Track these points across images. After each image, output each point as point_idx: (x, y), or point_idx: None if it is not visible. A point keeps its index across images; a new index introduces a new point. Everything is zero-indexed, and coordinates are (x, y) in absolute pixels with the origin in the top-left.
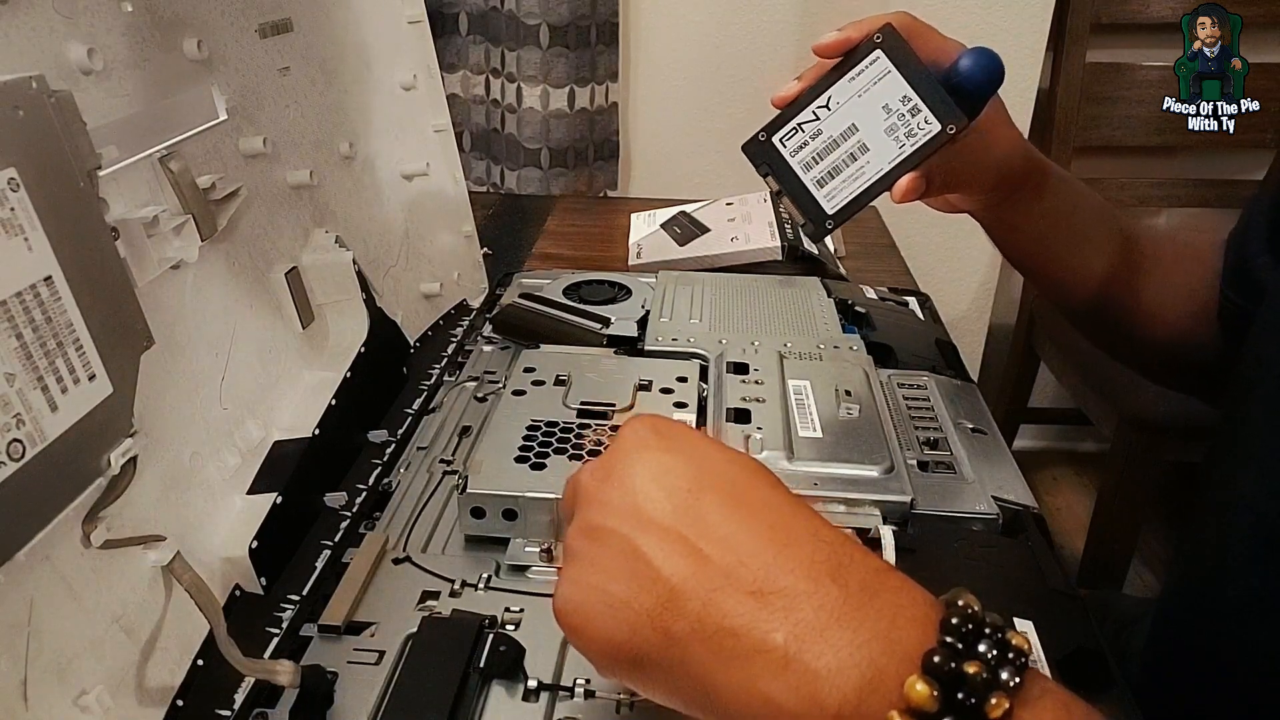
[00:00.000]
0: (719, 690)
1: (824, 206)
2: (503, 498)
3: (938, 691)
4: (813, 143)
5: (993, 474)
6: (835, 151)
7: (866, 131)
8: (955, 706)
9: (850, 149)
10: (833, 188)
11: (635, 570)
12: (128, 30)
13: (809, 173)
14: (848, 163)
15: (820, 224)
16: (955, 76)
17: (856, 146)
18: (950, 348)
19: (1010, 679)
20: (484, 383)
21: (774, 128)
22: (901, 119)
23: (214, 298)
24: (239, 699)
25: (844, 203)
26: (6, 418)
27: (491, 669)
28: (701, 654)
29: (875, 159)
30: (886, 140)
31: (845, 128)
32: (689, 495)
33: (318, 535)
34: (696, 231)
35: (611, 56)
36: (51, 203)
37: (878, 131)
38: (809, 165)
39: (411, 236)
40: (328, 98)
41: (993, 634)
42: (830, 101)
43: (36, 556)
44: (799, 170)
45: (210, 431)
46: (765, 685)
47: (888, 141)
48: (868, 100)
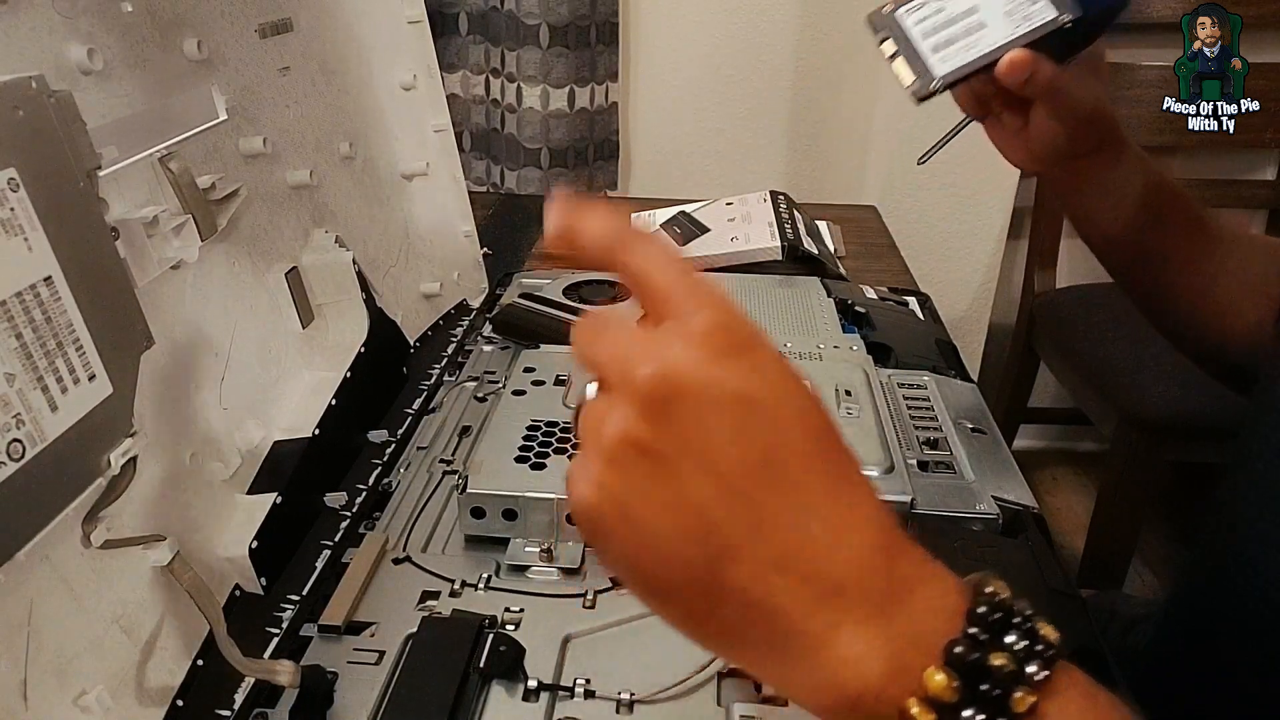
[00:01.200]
0: (738, 645)
1: (935, 70)
2: (503, 498)
3: (958, 682)
4: (934, 17)
5: (993, 474)
6: (954, 25)
7: (986, 11)
8: (979, 698)
9: (968, 24)
10: (946, 54)
11: (687, 516)
12: (128, 30)
13: (926, 40)
14: (964, 35)
15: (928, 82)
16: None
17: (975, 23)
18: (950, 348)
19: (1038, 673)
20: (484, 383)
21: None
22: (1020, 4)
23: (214, 298)
24: (239, 699)
25: (955, 66)
26: (6, 418)
27: (491, 669)
28: (734, 615)
29: (990, 34)
30: (1003, 20)
31: (969, 6)
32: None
33: (318, 535)
34: (696, 231)
35: (611, 56)
36: (51, 203)
37: (997, 12)
38: (927, 33)
39: (411, 236)
40: (328, 98)
41: (1022, 624)
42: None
43: (36, 556)
44: (917, 37)
45: (210, 431)
46: (791, 660)
47: (1005, 21)
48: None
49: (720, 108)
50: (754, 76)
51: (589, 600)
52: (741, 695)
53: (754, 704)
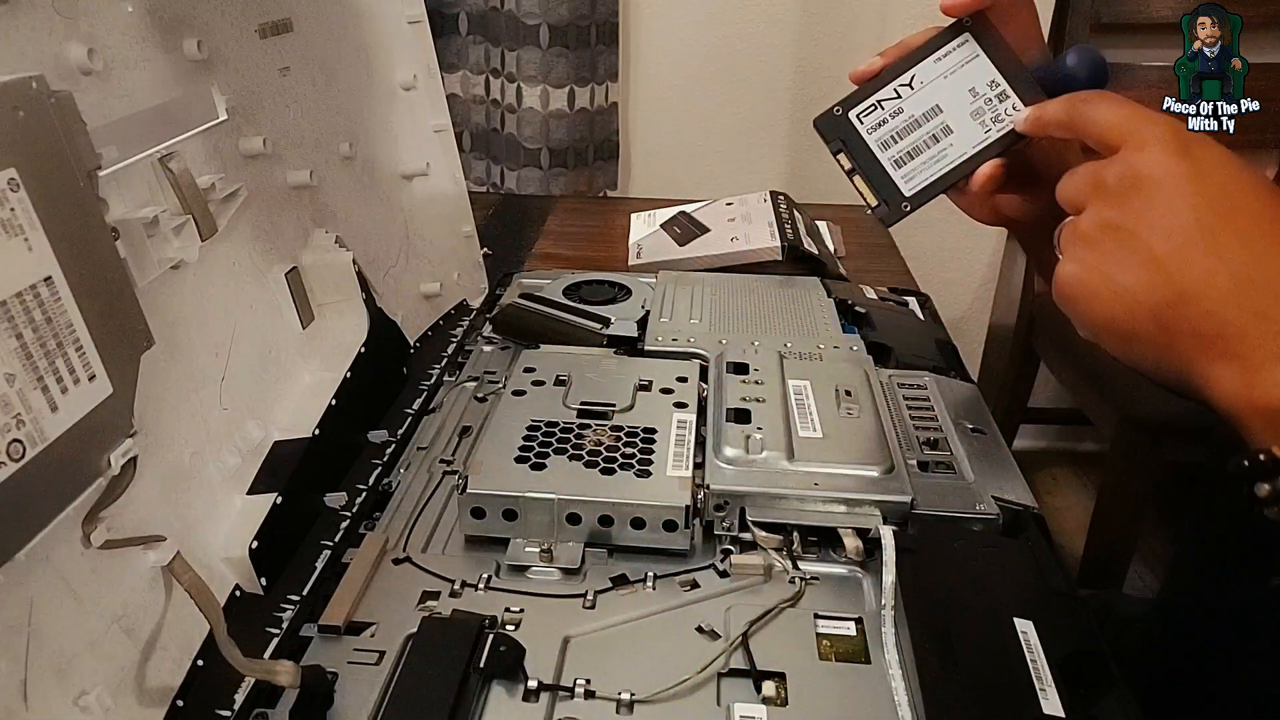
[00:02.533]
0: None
1: (901, 188)
2: (503, 498)
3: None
4: (892, 121)
5: (993, 474)
6: (916, 132)
7: (951, 114)
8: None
9: (932, 130)
10: (911, 169)
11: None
12: (128, 30)
13: (886, 152)
14: (929, 144)
15: (896, 205)
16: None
17: (939, 128)
18: (950, 348)
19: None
20: (484, 383)
21: (852, 102)
22: (989, 104)
23: (214, 298)
24: (239, 699)
25: (924, 184)
26: (7, 418)
27: (491, 669)
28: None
29: (959, 142)
30: (971, 124)
31: (929, 108)
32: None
33: (318, 535)
34: (696, 231)
35: (611, 56)
36: (51, 203)
37: (963, 115)
38: (887, 144)
39: (411, 236)
40: (328, 98)
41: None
42: (914, 80)
43: (36, 556)
44: (876, 149)
45: (210, 431)
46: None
47: (972, 125)
48: (954, 82)
49: (720, 108)
50: (754, 76)
51: (589, 600)
52: (741, 695)
53: (754, 704)
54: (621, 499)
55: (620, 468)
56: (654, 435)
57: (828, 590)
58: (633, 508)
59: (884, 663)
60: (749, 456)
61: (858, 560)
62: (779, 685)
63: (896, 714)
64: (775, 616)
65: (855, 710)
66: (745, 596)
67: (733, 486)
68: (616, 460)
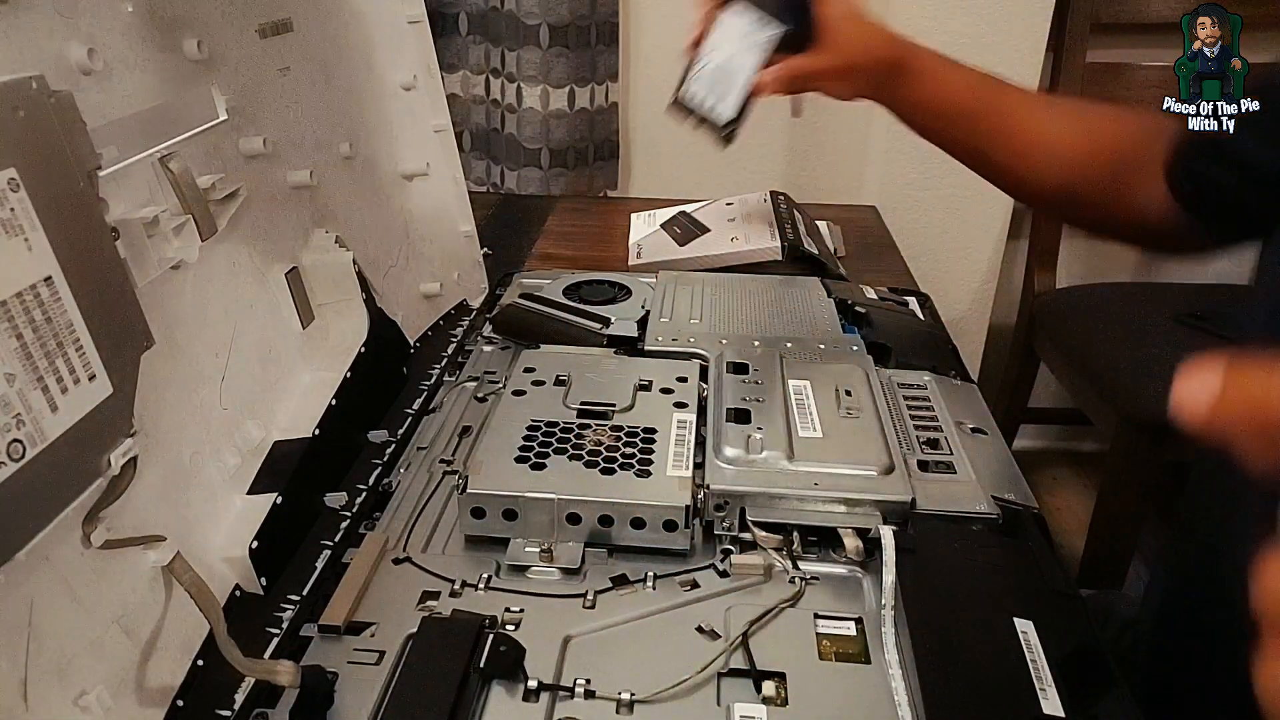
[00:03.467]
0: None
1: (721, 117)
2: (503, 498)
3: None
4: (706, 80)
5: (993, 474)
6: (720, 79)
7: (737, 55)
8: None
9: (728, 70)
10: (724, 103)
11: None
12: (128, 30)
13: (708, 101)
14: (727, 80)
15: (724, 130)
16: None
17: (732, 67)
18: (950, 348)
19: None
20: (484, 383)
21: (678, 87)
22: (752, 33)
23: (214, 298)
24: (239, 699)
25: (732, 107)
26: (7, 418)
27: (491, 669)
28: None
29: (744, 69)
30: (749, 55)
31: (721, 59)
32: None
33: (318, 535)
34: (696, 231)
35: (611, 56)
36: (51, 203)
37: (743, 50)
38: (706, 97)
39: (411, 236)
40: (328, 98)
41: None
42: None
43: (36, 556)
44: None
45: (210, 431)
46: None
47: (750, 55)
48: (730, 35)
49: None
50: None
51: (589, 600)
52: (741, 695)
53: (754, 704)
54: (621, 499)
55: (620, 468)
56: (654, 435)
57: (828, 590)
58: (633, 508)
59: (884, 663)
60: (749, 456)
61: (858, 560)
62: (779, 685)
63: (896, 714)
64: (775, 616)
65: (855, 710)
66: (745, 596)
67: (733, 486)
68: (616, 460)
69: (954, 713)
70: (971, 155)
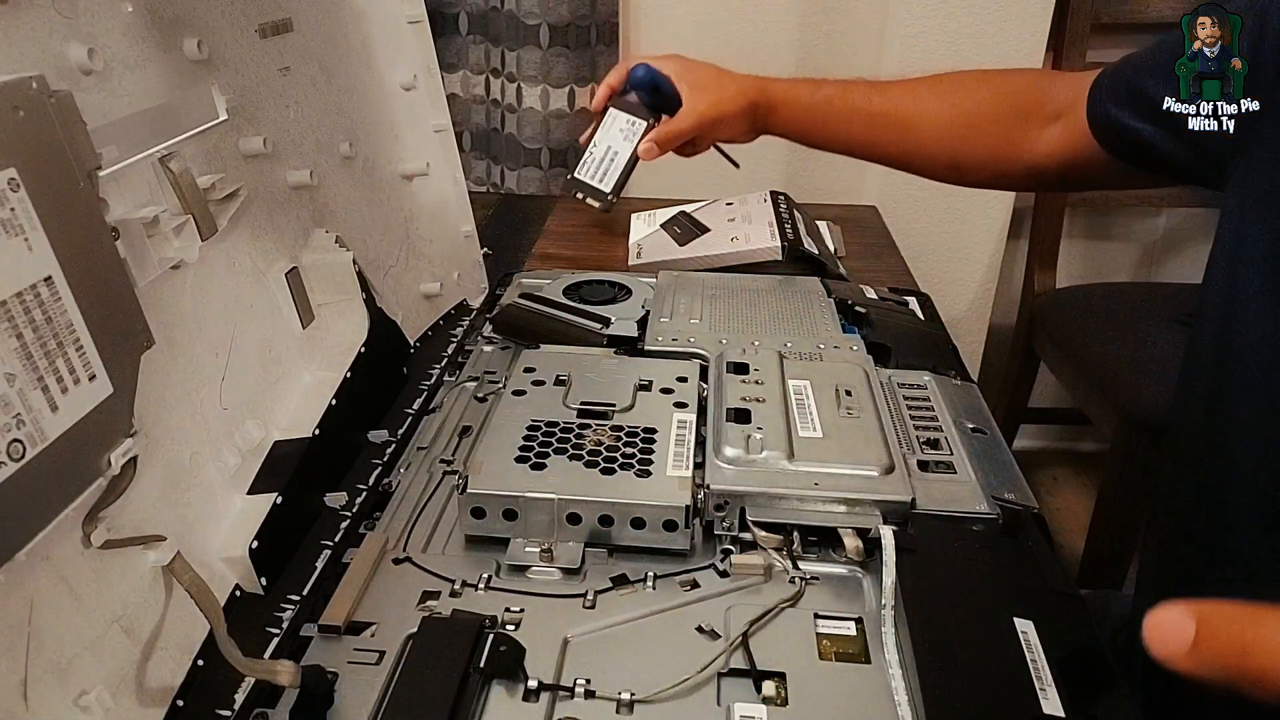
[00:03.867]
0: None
1: (605, 190)
2: (503, 498)
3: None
4: (591, 165)
5: (993, 474)
6: (603, 163)
7: (616, 145)
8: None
9: (610, 156)
10: (607, 179)
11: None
12: (128, 30)
13: (594, 177)
14: (609, 163)
15: (606, 199)
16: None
17: (613, 154)
18: (950, 348)
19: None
20: (484, 383)
21: (574, 167)
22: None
23: (214, 298)
24: (239, 699)
25: (614, 181)
26: (7, 418)
27: (491, 669)
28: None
29: (621, 155)
30: (625, 144)
31: (606, 148)
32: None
33: (318, 535)
34: (696, 231)
35: (611, 57)
36: (51, 203)
37: (620, 142)
38: (593, 175)
39: (411, 236)
40: (328, 98)
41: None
42: (596, 139)
43: (36, 556)
44: (592, 180)
45: (210, 431)
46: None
47: (626, 144)
48: (613, 130)
49: None
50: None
51: (589, 600)
52: (741, 695)
53: (754, 704)
54: (621, 499)
55: (620, 468)
56: (654, 435)
57: (828, 590)
58: (633, 508)
59: (884, 663)
60: (749, 456)
61: (858, 560)
62: (779, 685)
63: (896, 714)
64: (775, 616)
65: (855, 710)
66: (745, 596)
67: (733, 486)
68: (616, 460)
69: (954, 712)
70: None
